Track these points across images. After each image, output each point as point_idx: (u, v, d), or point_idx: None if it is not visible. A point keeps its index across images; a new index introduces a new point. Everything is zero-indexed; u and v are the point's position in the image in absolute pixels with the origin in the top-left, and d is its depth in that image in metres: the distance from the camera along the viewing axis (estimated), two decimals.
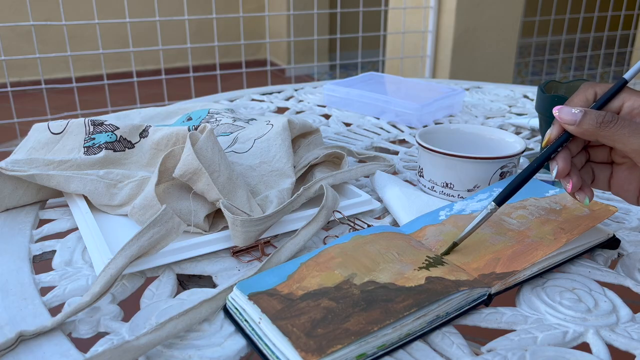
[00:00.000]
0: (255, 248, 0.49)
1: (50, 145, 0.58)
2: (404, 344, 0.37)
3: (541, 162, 0.44)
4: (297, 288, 0.39)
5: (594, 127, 0.41)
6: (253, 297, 0.38)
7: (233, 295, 0.40)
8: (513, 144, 0.61)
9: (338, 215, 0.54)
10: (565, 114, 0.42)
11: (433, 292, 0.39)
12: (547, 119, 0.66)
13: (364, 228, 0.53)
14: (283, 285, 0.40)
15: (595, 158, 0.46)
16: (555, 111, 0.42)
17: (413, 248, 0.46)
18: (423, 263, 0.43)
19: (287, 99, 1.05)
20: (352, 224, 0.54)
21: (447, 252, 0.45)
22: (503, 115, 0.95)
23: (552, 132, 0.44)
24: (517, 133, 0.86)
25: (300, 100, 1.05)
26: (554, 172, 0.43)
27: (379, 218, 0.57)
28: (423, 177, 0.61)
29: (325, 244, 0.52)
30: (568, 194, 0.45)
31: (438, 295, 0.38)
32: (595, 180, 0.46)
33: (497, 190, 0.55)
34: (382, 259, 0.43)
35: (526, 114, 0.96)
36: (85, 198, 0.55)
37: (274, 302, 0.38)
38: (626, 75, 0.44)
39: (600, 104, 0.43)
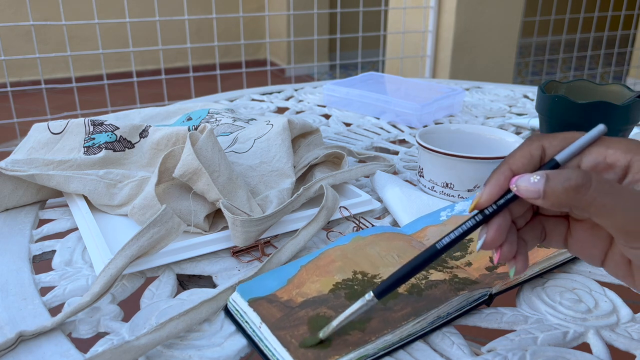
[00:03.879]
0: (255, 248, 0.49)
1: (50, 145, 0.58)
2: (404, 344, 0.37)
3: (451, 242, 0.33)
4: (296, 294, 0.39)
5: (570, 193, 0.29)
6: (253, 303, 0.38)
7: (234, 297, 0.40)
8: (513, 144, 0.61)
9: (345, 212, 0.54)
10: (525, 183, 0.30)
11: (432, 298, 0.39)
12: (547, 119, 0.66)
13: (368, 227, 0.53)
14: (283, 291, 0.40)
15: (545, 211, 0.34)
16: (513, 186, 0.31)
17: (414, 249, 0.46)
18: None
19: (287, 99, 1.05)
20: (357, 222, 0.54)
21: (309, 345, 0.34)
22: (503, 115, 0.95)
23: (483, 194, 0.32)
24: (518, 133, 0.86)
25: (300, 100, 1.04)
26: (480, 243, 0.32)
27: (379, 218, 0.57)
28: (423, 177, 0.61)
29: (328, 239, 0.52)
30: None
31: (437, 302, 0.38)
32: (548, 239, 0.35)
33: None
34: (381, 263, 0.43)
35: (526, 114, 0.96)
36: (85, 198, 0.55)
37: (273, 309, 0.38)
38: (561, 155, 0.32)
39: (552, 165, 0.32)
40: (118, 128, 0.59)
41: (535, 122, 0.85)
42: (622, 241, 0.30)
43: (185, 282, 0.47)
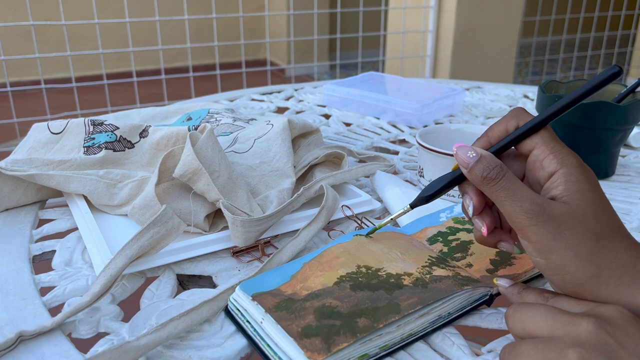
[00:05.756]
0: (255, 248, 0.49)
1: (49, 145, 0.58)
2: (405, 344, 0.37)
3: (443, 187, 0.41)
4: (300, 288, 0.39)
5: (479, 179, 0.37)
6: (257, 297, 0.38)
7: (235, 296, 0.40)
8: None
9: (347, 212, 0.54)
10: (462, 153, 0.38)
11: (437, 290, 0.39)
12: None
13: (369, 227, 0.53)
14: (287, 286, 0.39)
15: None
16: (455, 148, 0.38)
17: (415, 248, 0.46)
18: (426, 262, 0.43)
19: (287, 99, 1.05)
20: (359, 222, 0.54)
21: (368, 234, 0.46)
22: None
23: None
24: None
25: (300, 100, 1.04)
26: (470, 209, 0.39)
27: (379, 218, 0.57)
28: (423, 177, 0.60)
29: (330, 237, 0.52)
30: (479, 241, 0.41)
31: (442, 293, 0.38)
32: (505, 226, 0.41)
33: None
34: (385, 258, 0.43)
35: None
36: (85, 198, 0.55)
37: (277, 302, 0.37)
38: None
39: (498, 148, 0.39)
40: (118, 128, 0.59)
41: None
42: (513, 225, 0.36)
43: (185, 282, 0.46)
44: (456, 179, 0.40)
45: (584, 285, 0.34)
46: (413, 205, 0.43)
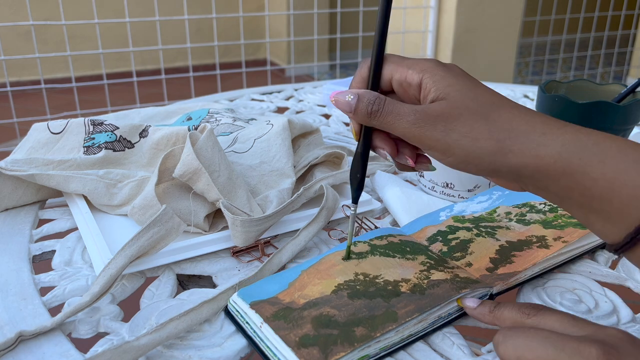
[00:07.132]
0: (255, 248, 0.49)
1: (49, 145, 0.58)
2: (405, 344, 0.37)
3: (363, 156, 0.41)
4: (298, 297, 0.39)
5: (366, 117, 0.37)
6: (255, 305, 0.38)
7: (234, 300, 0.40)
8: None
9: (347, 211, 0.54)
10: (341, 100, 0.38)
11: (435, 296, 0.39)
12: None
13: (371, 229, 0.53)
14: (284, 294, 0.39)
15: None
16: (332, 98, 0.38)
17: (415, 244, 0.46)
18: (424, 266, 0.43)
19: (287, 99, 1.05)
20: (359, 222, 0.54)
21: (347, 257, 0.44)
22: None
23: (355, 125, 0.40)
24: None
25: (300, 100, 1.04)
26: (389, 157, 0.39)
27: (379, 218, 0.57)
28: (423, 177, 0.60)
29: (330, 237, 0.51)
30: (412, 169, 0.41)
31: (440, 300, 0.38)
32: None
33: (496, 193, 0.55)
34: (383, 264, 0.43)
35: None
36: (85, 198, 0.55)
37: (275, 311, 0.37)
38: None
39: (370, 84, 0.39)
40: (118, 128, 0.59)
41: None
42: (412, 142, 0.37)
43: (185, 282, 0.46)
44: (364, 150, 0.40)
45: (495, 162, 0.34)
46: (355, 201, 0.43)
